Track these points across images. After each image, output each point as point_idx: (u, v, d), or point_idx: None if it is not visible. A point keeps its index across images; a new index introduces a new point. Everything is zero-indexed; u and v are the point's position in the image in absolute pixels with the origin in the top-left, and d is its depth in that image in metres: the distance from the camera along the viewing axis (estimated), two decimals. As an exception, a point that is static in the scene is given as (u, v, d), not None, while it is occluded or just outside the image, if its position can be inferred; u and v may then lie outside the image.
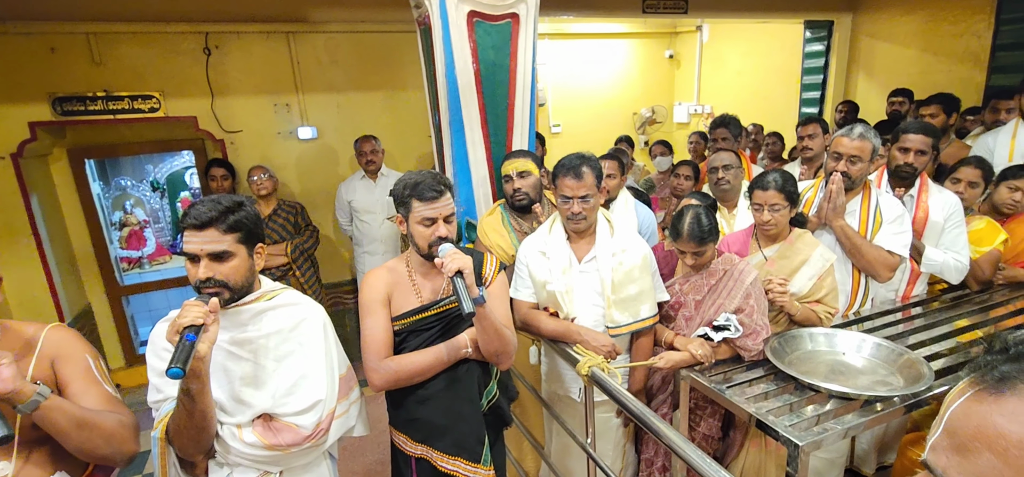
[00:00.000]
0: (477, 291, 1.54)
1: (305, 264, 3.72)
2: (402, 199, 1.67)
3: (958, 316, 2.32)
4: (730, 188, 2.80)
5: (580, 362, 1.87)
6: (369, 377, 1.68)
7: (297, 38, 4.02)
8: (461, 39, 2.21)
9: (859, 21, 5.02)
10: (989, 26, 4.02)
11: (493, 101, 2.38)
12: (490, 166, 2.51)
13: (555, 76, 6.16)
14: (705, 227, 1.95)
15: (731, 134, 3.29)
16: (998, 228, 2.53)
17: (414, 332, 1.73)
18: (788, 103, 5.56)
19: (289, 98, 4.14)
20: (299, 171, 4.31)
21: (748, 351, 1.96)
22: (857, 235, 2.23)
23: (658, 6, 4.14)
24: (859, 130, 2.20)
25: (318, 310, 1.64)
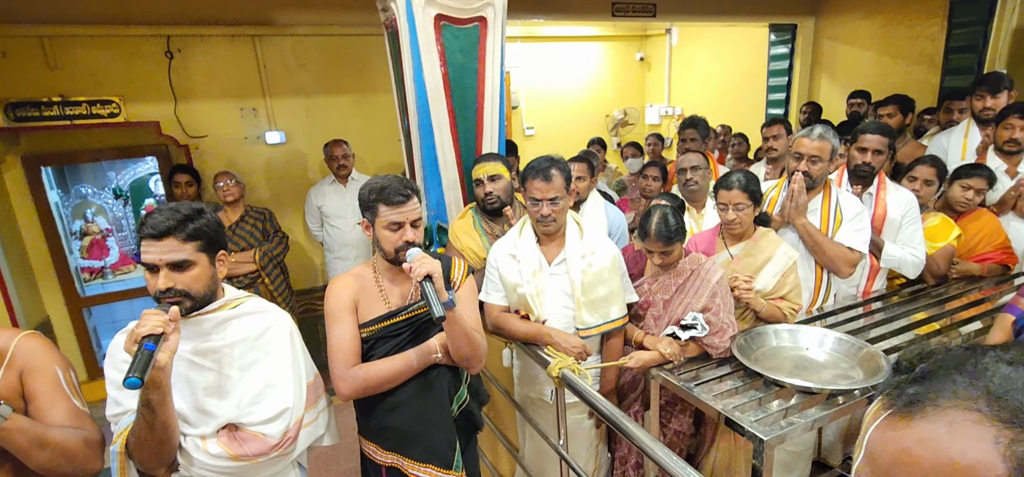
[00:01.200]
0: (446, 295, 1.53)
1: (274, 271, 3.65)
2: (368, 204, 1.65)
3: (916, 309, 2.40)
4: (698, 189, 2.85)
5: (551, 364, 1.87)
6: (337, 386, 1.65)
7: (263, 41, 3.95)
8: (428, 42, 2.20)
9: (821, 24, 5.16)
10: (942, 29, 4.17)
11: (462, 105, 2.38)
12: (460, 170, 2.50)
13: (528, 79, 6.18)
14: (672, 227, 1.97)
15: (699, 135, 3.35)
16: (952, 224, 2.62)
17: (383, 339, 1.71)
18: (755, 104, 5.68)
19: (256, 102, 4.06)
20: (267, 176, 4.23)
21: (715, 348, 2.00)
22: (819, 233, 2.29)
23: (627, 10, 4.19)
24: (819, 131, 2.27)
25: (284, 317, 1.62)
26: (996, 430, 0.39)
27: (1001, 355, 0.43)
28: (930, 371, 0.45)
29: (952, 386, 0.43)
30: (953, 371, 0.44)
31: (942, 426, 0.41)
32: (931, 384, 0.44)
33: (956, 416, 0.41)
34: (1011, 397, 0.40)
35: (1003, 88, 3.01)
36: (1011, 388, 0.40)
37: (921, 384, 0.45)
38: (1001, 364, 0.42)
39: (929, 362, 0.46)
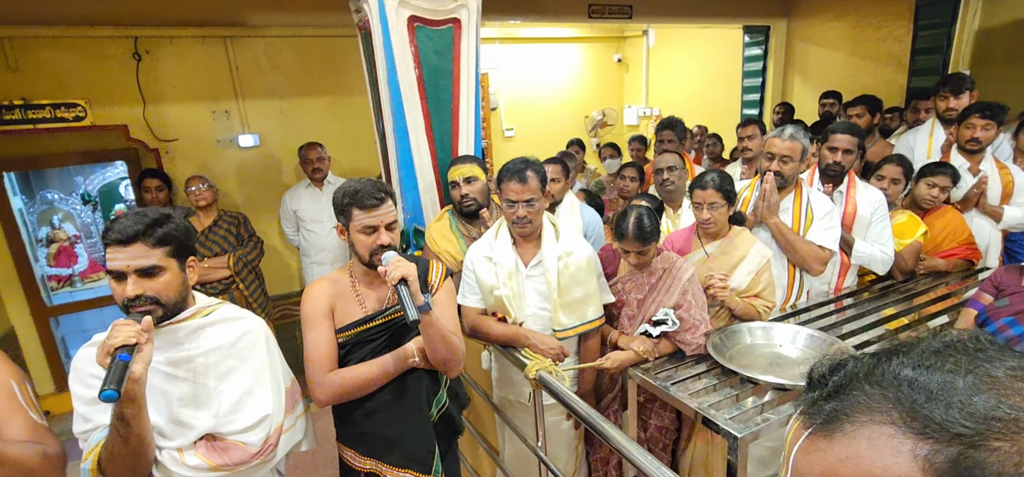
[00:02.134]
0: (422, 298, 1.52)
1: (249, 276, 3.58)
2: (341, 208, 1.63)
3: (886, 305, 2.46)
4: (675, 188, 2.87)
5: (527, 366, 1.87)
6: (313, 392, 1.64)
7: (235, 43, 3.88)
8: (402, 44, 2.18)
9: (793, 26, 5.26)
10: (908, 31, 4.28)
11: (437, 106, 2.36)
12: (436, 172, 2.49)
13: (507, 80, 6.18)
14: (646, 228, 1.99)
15: (676, 136, 3.38)
16: (918, 221, 2.69)
17: (359, 344, 1.69)
18: (731, 105, 5.77)
19: (228, 105, 3.99)
20: (241, 180, 4.16)
21: (688, 345, 2.01)
22: (791, 231, 2.33)
23: (603, 11, 4.21)
24: (790, 131, 2.30)
25: (259, 323, 1.60)
26: (912, 442, 0.39)
27: (904, 360, 0.43)
28: (842, 384, 0.44)
29: (865, 399, 0.42)
30: (863, 382, 0.43)
31: (862, 443, 0.41)
32: (845, 399, 0.43)
33: (873, 431, 0.41)
34: (919, 407, 0.39)
35: (965, 89, 3.10)
36: (917, 396, 0.40)
37: (836, 399, 0.44)
38: (905, 370, 0.42)
39: (840, 374, 0.45)
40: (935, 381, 0.40)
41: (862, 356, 0.47)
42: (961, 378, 0.40)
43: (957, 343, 0.43)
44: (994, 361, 0.40)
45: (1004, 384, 0.39)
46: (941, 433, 0.38)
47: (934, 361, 0.41)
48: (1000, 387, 0.39)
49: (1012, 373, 0.39)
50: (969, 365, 0.40)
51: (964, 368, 0.40)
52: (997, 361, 0.40)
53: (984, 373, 0.40)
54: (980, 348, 0.42)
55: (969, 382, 0.39)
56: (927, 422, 0.39)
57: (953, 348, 0.42)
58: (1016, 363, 0.40)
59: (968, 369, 0.40)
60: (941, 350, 0.43)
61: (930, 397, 0.40)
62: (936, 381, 0.40)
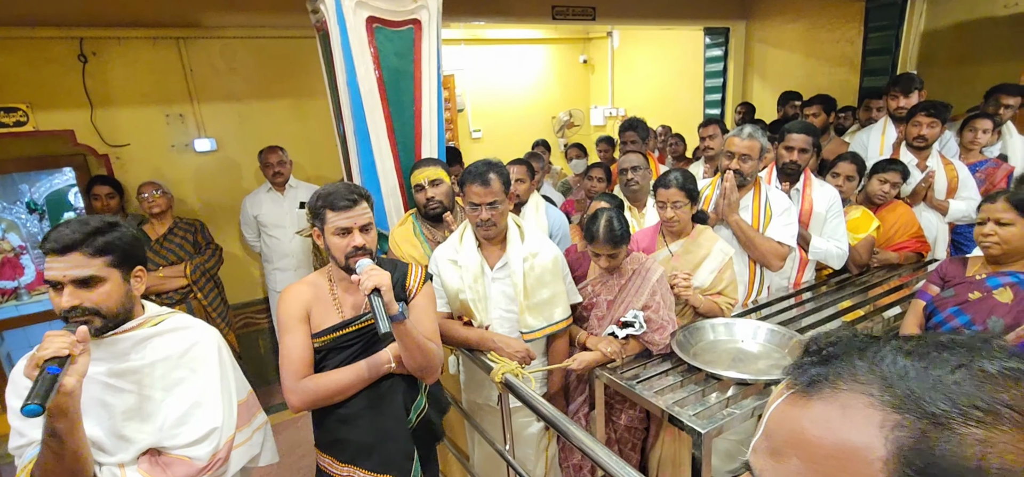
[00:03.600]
0: (396, 307, 1.49)
1: (207, 285, 3.46)
2: (316, 211, 1.61)
3: (842, 298, 2.53)
4: (639, 188, 2.90)
5: (494, 369, 1.85)
6: (288, 398, 1.61)
7: (189, 44, 3.74)
8: (361, 46, 2.14)
9: (752, 28, 5.39)
10: (859, 33, 4.44)
11: (399, 109, 2.32)
12: (400, 175, 2.45)
13: (474, 82, 6.16)
14: (618, 230, 1.99)
15: (639, 136, 3.41)
16: (871, 216, 2.78)
17: (335, 349, 1.67)
18: (694, 105, 5.87)
19: (183, 108, 3.84)
20: (198, 186, 4.01)
21: (655, 345, 2.03)
22: (751, 229, 2.37)
23: (567, 13, 4.23)
24: (748, 130, 2.35)
25: (211, 333, 1.55)
26: (883, 414, 0.39)
27: (901, 345, 0.43)
28: (834, 354, 0.45)
29: (852, 370, 0.43)
30: (855, 356, 0.44)
31: (836, 407, 0.42)
32: (833, 366, 0.44)
33: (851, 399, 0.41)
34: (902, 384, 0.40)
35: (913, 88, 3.24)
36: (904, 376, 0.40)
37: (824, 366, 0.45)
38: (899, 354, 0.42)
39: (836, 346, 0.46)
40: (925, 365, 0.41)
41: (862, 334, 0.47)
42: (952, 367, 0.40)
43: (963, 340, 0.43)
44: (994, 359, 0.41)
45: (995, 379, 0.39)
46: (914, 410, 0.38)
47: (931, 349, 0.42)
48: (990, 381, 0.39)
49: (1007, 372, 0.39)
50: (965, 358, 0.41)
51: (959, 359, 0.41)
52: (997, 360, 0.40)
53: (978, 367, 0.40)
54: (984, 346, 0.42)
55: (959, 372, 0.40)
56: (904, 398, 0.39)
57: (957, 343, 0.43)
58: (1015, 365, 0.40)
59: (962, 361, 0.40)
60: (944, 343, 0.43)
61: (914, 376, 0.40)
62: (926, 365, 0.41)
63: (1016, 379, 0.39)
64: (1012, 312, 1.72)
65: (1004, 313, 1.73)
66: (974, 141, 3.15)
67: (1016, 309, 1.71)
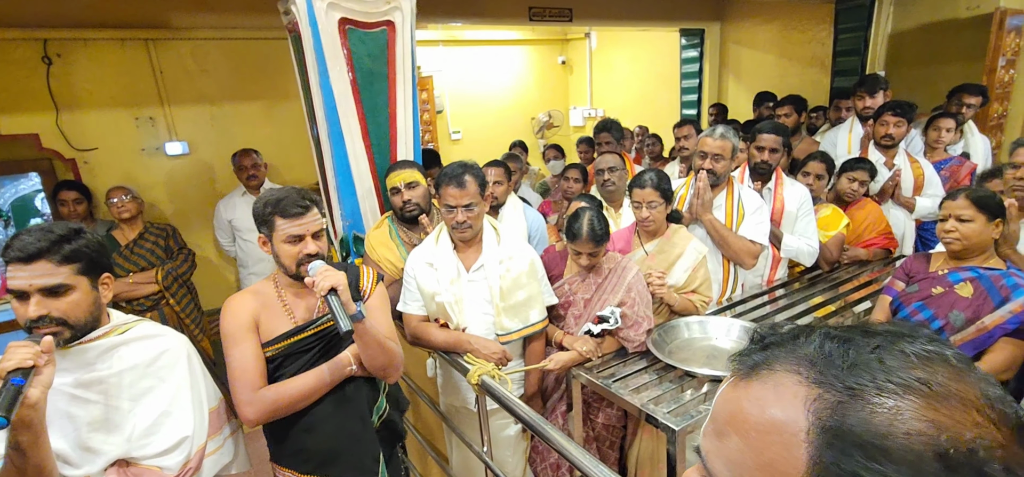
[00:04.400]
0: (354, 307, 1.48)
1: (180, 291, 3.39)
2: (263, 218, 1.56)
3: (814, 294, 2.59)
4: (615, 189, 2.92)
5: (470, 371, 1.85)
6: (242, 412, 1.55)
7: (158, 46, 3.66)
8: (334, 47, 2.11)
9: (726, 29, 5.48)
10: (830, 34, 4.55)
11: (373, 111, 2.31)
12: (375, 178, 2.43)
13: (453, 83, 6.15)
14: (599, 230, 2.01)
15: (614, 137, 3.44)
16: (841, 214, 2.85)
17: (292, 356, 1.62)
18: (671, 105, 5.95)
19: (153, 111, 3.76)
20: (169, 190, 3.93)
21: (631, 342, 2.05)
22: (724, 228, 2.41)
23: (544, 14, 4.25)
24: (721, 131, 2.39)
25: (180, 340, 1.53)
26: (807, 390, 0.42)
27: (830, 331, 0.47)
28: (774, 342, 0.48)
29: (785, 354, 0.46)
30: (791, 342, 0.47)
31: (769, 387, 0.45)
32: (772, 352, 0.47)
33: (782, 378, 0.44)
34: (824, 363, 0.43)
35: (879, 89, 3.32)
36: (827, 356, 0.44)
37: (764, 352, 0.48)
38: (827, 339, 0.45)
39: (776, 335, 0.50)
40: (848, 347, 0.44)
41: (799, 325, 0.50)
42: (872, 347, 0.43)
43: (890, 327, 0.46)
44: (914, 341, 0.43)
45: (910, 358, 0.42)
46: (834, 383, 0.41)
47: (857, 334, 0.45)
48: (905, 359, 0.42)
49: (923, 353, 0.42)
50: (885, 341, 0.44)
51: (879, 342, 0.43)
52: (917, 342, 0.43)
53: (898, 349, 0.42)
54: (909, 332, 0.45)
55: (878, 352, 0.42)
56: (825, 374, 0.42)
57: (885, 330, 0.45)
58: (934, 348, 0.43)
59: (882, 343, 0.43)
60: (870, 330, 0.46)
61: (837, 356, 0.43)
62: (849, 347, 0.44)
63: (929, 358, 0.42)
64: (972, 306, 1.77)
65: (965, 307, 1.78)
66: (938, 140, 3.25)
67: (976, 303, 1.76)
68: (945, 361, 0.42)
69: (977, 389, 0.40)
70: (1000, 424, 0.39)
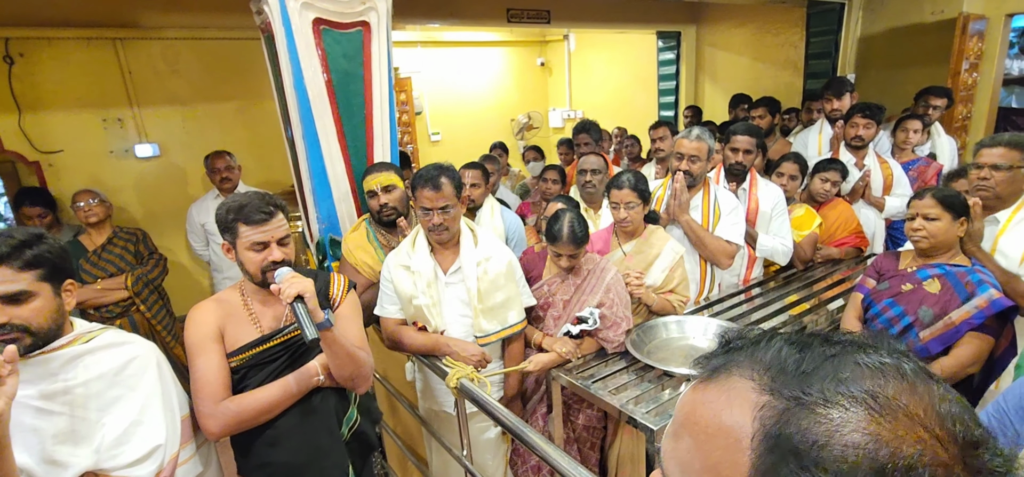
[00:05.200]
0: (322, 315, 1.45)
1: (151, 297, 3.30)
2: (226, 224, 1.52)
3: (789, 292, 2.63)
4: (595, 191, 2.94)
5: (448, 375, 1.83)
6: (204, 425, 1.51)
7: (127, 45, 3.57)
8: (308, 48, 2.08)
9: (702, 32, 5.56)
10: (802, 38, 4.64)
11: (349, 112, 2.28)
12: (351, 180, 2.40)
13: (432, 84, 6.11)
14: (579, 232, 2.01)
15: (592, 138, 3.46)
16: (814, 214, 2.90)
17: (256, 366, 1.59)
18: (649, 107, 6.00)
19: (121, 112, 3.66)
20: (140, 193, 3.83)
21: (610, 343, 2.06)
22: (701, 228, 2.44)
23: (522, 16, 4.25)
24: (696, 132, 2.41)
25: (149, 348, 1.49)
26: (757, 396, 0.42)
27: (790, 338, 0.47)
28: (737, 346, 0.49)
29: (744, 359, 0.46)
30: (751, 347, 0.47)
31: (724, 391, 0.45)
32: (733, 356, 0.47)
33: (736, 383, 0.44)
34: (776, 370, 0.43)
35: (846, 91, 3.40)
36: (782, 362, 0.43)
37: (726, 356, 0.48)
38: (786, 346, 0.45)
39: (740, 340, 0.50)
40: (805, 355, 0.43)
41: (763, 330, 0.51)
42: (826, 357, 0.43)
43: (854, 338, 0.46)
44: (872, 353, 0.43)
45: (864, 370, 0.41)
46: (784, 391, 0.41)
47: (815, 343, 0.45)
48: (858, 371, 0.41)
49: (880, 365, 0.42)
50: (844, 351, 0.43)
51: (834, 352, 0.43)
52: (875, 353, 0.43)
53: (853, 359, 0.42)
54: (869, 343, 0.44)
55: (831, 362, 0.42)
56: (777, 382, 0.42)
57: (847, 340, 0.45)
58: (891, 360, 0.42)
59: (840, 353, 0.43)
60: (830, 339, 0.45)
61: (791, 364, 0.43)
62: (806, 355, 0.43)
63: (883, 370, 0.41)
64: (940, 302, 1.82)
65: (933, 303, 1.83)
66: (906, 141, 3.33)
67: (943, 299, 1.81)
68: (900, 374, 0.41)
69: (929, 405, 0.40)
70: (948, 442, 0.38)
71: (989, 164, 2.03)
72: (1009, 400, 0.99)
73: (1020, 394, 0.98)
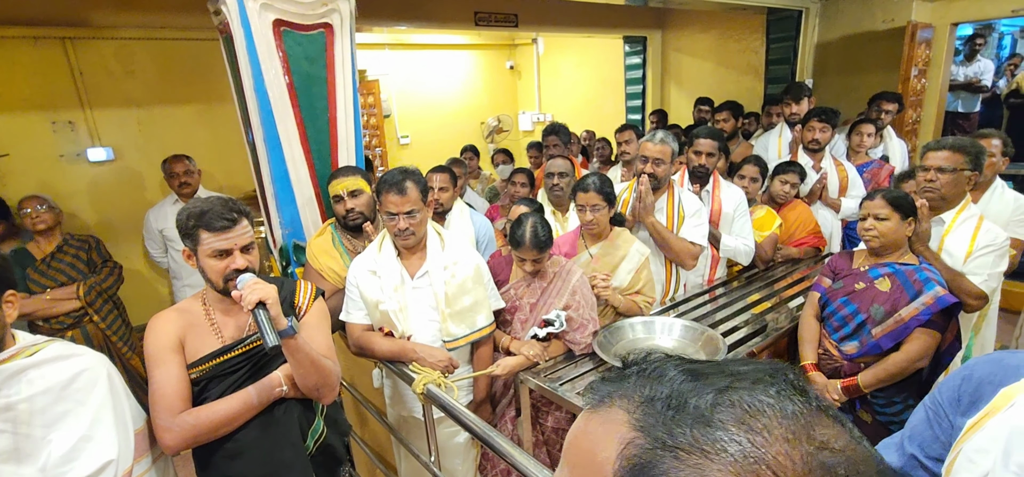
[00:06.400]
0: (285, 322, 1.41)
1: (105, 307, 3.17)
2: (187, 230, 1.48)
3: (752, 292, 2.70)
4: (563, 194, 2.96)
5: (415, 380, 1.82)
6: (161, 438, 1.46)
7: (78, 45, 3.42)
8: (268, 49, 2.03)
9: (667, 37, 5.66)
10: (762, 43, 4.78)
11: (312, 116, 2.23)
12: (316, 185, 2.35)
13: (400, 87, 6.06)
14: (542, 235, 2.02)
15: (561, 141, 3.49)
16: (775, 215, 2.99)
17: (217, 378, 1.54)
18: (617, 110, 6.09)
19: (72, 114, 3.51)
20: (93, 199, 3.68)
21: (577, 345, 2.07)
22: (665, 230, 2.48)
23: (489, 19, 4.26)
24: (660, 135, 2.46)
25: (99, 359, 1.42)
26: (627, 432, 0.40)
27: (685, 365, 0.44)
28: (630, 374, 0.46)
29: (628, 388, 0.44)
30: (637, 375, 0.45)
31: (602, 422, 0.43)
32: (621, 385, 0.45)
33: (615, 415, 0.42)
34: (649, 405, 0.41)
35: (803, 96, 3.52)
36: (658, 396, 0.41)
37: (615, 384, 0.46)
38: (672, 371, 0.43)
39: (639, 365, 0.47)
40: (683, 389, 0.41)
41: (661, 355, 0.48)
42: (706, 394, 0.39)
43: (749, 369, 0.42)
44: (759, 391, 0.39)
45: (739, 411, 0.38)
46: (651, 430, 0.39)
47: (711, 373, 0.42)
48: (733, 412, 0.38)
49: (762, 405, 0.38)
50: (731, 385, 0.40)
51: (725, 385, 0.40)
52: (763, 391, 0.39)
53: (734, 397, 0.39)
54: (763, 377, 0.41)
55: (708, 400, 0.39)
56: (647, 418, 0.40)
57: (741, 371, 0.42)
58: (774, 402, 0.39)
59: (727, 388, 0.40)
60: (729, 370, 0.42)
61: (666, 402, 0.40)
62: (683, 389, 0.41)
63: (761, 411, 0.38)
64: (890, 299, 1.89)
65: (884, 301, 1.90)
66: (861, 144, 3.46)
67: (893, 297, 1.89)
68: (783, 416, 0.38)
69: (806, 454, 0.36)
70: None
71: (934, 167, 2.12)
72: (944, 393, 1.03)
73: (953, 386, 1.02)
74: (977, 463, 0.91)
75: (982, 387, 0.98)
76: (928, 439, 1.05)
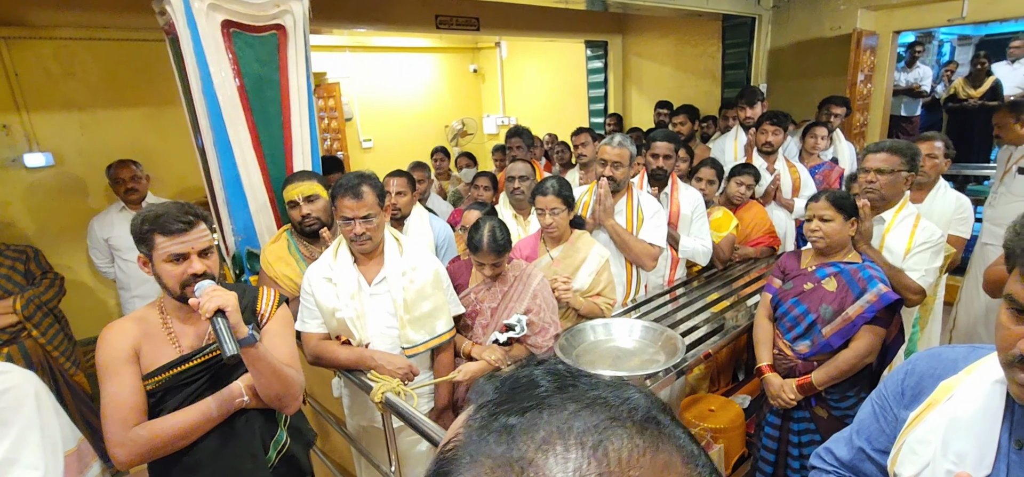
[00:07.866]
0: (245, 330, 1.37)
1: (45, 321, 3.00)
2: (142, 236, 1.42)
3: (711, 291, 2.76)
4: (524, 197, 2.96)
5: (373, 389, 1.78)
6: (113, 453, 1.40)
7: (13, 45, 3.24)
8: (217, 51, 1.97)
9: (627, 42, 5.75)
10: (719, 49, 4.91)
11: (265, 120, 2.17)
12: (269, 190, 2.29)
13: (362, 90, 5.96)
14: (500, 239, 2.01)
15: (524, 143, 3.49)
16: (731, 216, 3.07)
17: (175, 389, 1.49)
18: (580, 114, 6.14)
19: (7, 118, 3.31)
20: (30, 207, 3.48)
21: (539, 348, 2.07)
22: (625, 232, 2.51)
23: (451, 22, 4.24)
24: (618, 138, 2.49)
25: (26, 377, 1.34)
26: (460, 424, 0.40)
27: (509, 377, 0.42)
28: (506, 377, 0.43)
29: (487, 389, 0.42)
30: (507, 379, 0.43)
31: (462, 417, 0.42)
32: (488, 384, 0.43)
33: (458, 419, 0.42)
34: (475, 420, 0.39)
35: (757, 100, 3.63)
36: (482, 415, 0.39)
37: (490, 381, 0.44)
38: (489, 385, 0.42)
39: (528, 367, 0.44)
40: (506, 402, 0.39)
41: (551, 365, 0.45)
42: (508, 418, 0.37)
43: (600, 395, 0.40)
44: (581, 417, 0.37)
45: (514, 439, 0.36)
46: (439, 466, 0.38)
47: (529, 398, 0.39)
48: (506, 442, 0.36)
49: (560, 430, 0.36)
50: (525, 406, 0.38)
51: (515, 409, 0.38)
52: (563, 416, 0.37)
53: (502, 425, 0.37)
54: (598, 402, 0.39)
55: (500, 423, 0.37)
56: (469, 431, 0.38)
57: (594, 399, 0.39)
58: (580, 425, 0.36)
59: (519, 410, 0.38)
60: (576, 395, 0.40)
61: (486, 423, 0.38)
62: (505, 402, 0.39)
63: (563, 436, 0.35)
64: (837, 299, 1.96)
65: (832, 300, 1.97)
66: (815, 146, 3.59)
67: (840, 296, 1.96)
68: (580, 446, 0.35)
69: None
70: None
71: (874, 169, 2.21)
72: (888, 387, 1.07)
73: (897, 381, 1.06)
74: (919, 454, 0.95)
75: (923, 381, 1.02)
76: (875, 432, 1.09)
